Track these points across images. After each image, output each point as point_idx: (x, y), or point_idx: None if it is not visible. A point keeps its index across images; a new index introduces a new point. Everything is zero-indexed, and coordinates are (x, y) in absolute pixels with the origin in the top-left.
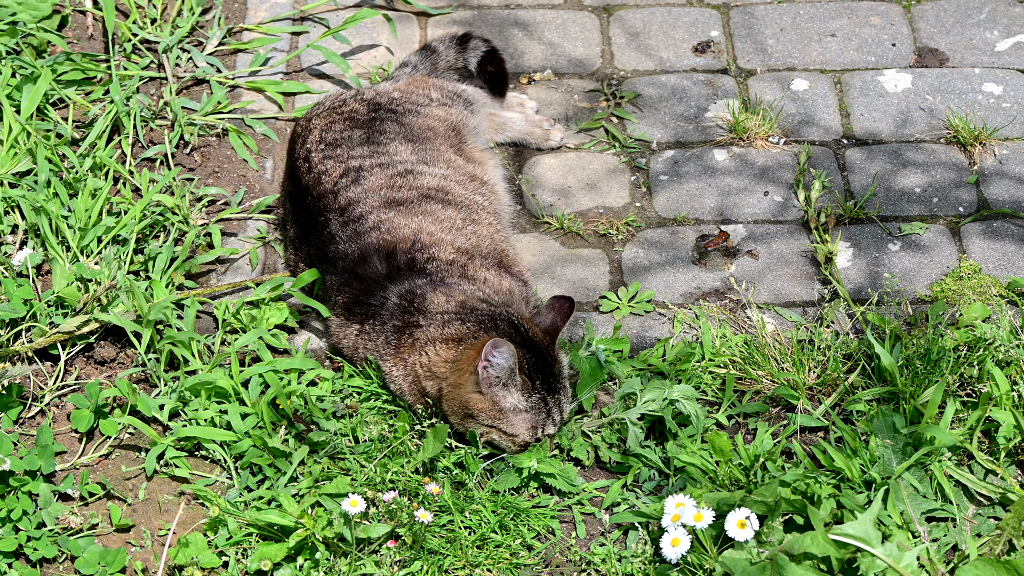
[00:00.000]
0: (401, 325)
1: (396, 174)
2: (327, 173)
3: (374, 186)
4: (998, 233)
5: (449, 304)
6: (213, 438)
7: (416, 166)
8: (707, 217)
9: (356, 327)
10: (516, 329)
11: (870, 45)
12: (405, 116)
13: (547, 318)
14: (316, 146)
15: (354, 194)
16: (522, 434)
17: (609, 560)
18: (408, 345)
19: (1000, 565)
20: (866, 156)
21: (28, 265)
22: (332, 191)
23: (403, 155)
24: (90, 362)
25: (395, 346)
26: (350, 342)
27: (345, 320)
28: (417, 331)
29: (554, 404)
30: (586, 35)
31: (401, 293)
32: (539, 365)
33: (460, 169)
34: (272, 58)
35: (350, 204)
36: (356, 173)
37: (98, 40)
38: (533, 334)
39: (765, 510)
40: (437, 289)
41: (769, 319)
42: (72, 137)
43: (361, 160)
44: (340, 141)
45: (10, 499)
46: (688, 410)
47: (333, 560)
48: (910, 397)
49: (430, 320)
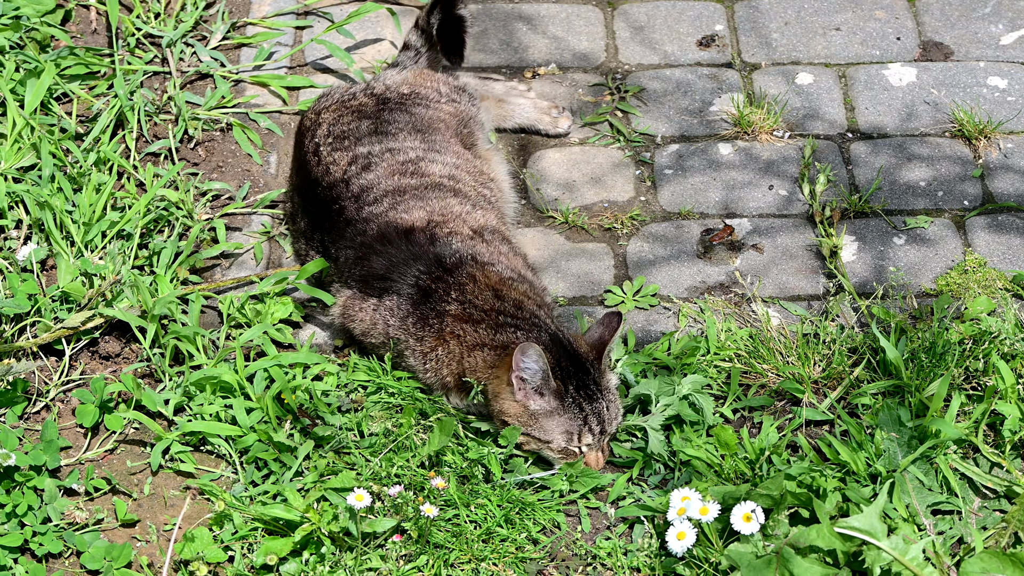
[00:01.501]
0: (429, 308)
1: (407, 160)
2: (336, 163)
3: (385, 172)
4: (1003, 227)
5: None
6: (218, 433)
7: (427, 154)
8: (712, 211)
9: (374, 301)
10: (555, 339)
11: (875, 39)
12: (414, 108)
13: (595, 332)
14: (324, 140)
15: (366, 181)
16: (556, 439)
17: (615, 554)
18: (451, 335)
19: (1006, 558)
20: (871, 150)
21: (32, 260)
22: (343, 179)
23: (412, 144)
24: (95, 357)
25: (434, 330)
26: (367, 317)
27: (362, 293)
28: (448, 320)
29: (592, 412)
30: (590, 29)
31: (426, 271)
32: (576, 373)
33: (469, 162)
34: (276, 52)
35: (363, 190)
36: (365, 160)
37: (102, 35)
38: (577, 345)
39: (771, 503)
40: (464, 268)
41: (774, 313)
42: (76, 132)
43: (370, 147)
44: (347, 133)
45: (15, 494)
46: (700, 403)
47: (339, 554)
48: (915, 390)
49: (461, 310)
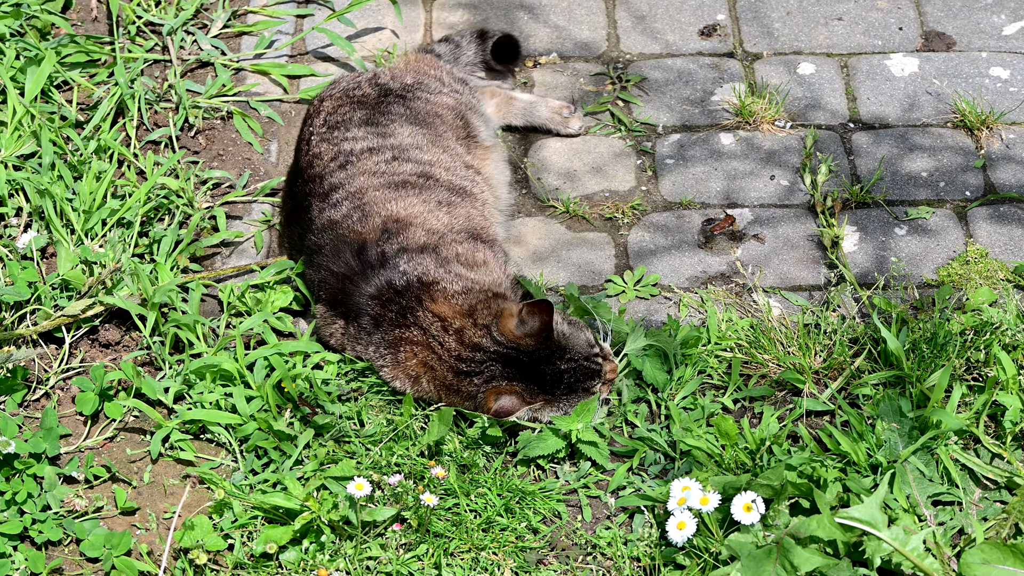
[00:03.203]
0: (394, 340)
1: (382, 160)
2: (319, 157)
3: (357, 171)
4: (1005, 217)
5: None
6: (218, 421)
7: (407, 151)
8: (713, 201)
9: (341, 323)
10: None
11: (877, 29)
12: (414, 101)
13: (534, 323)
14: (318, 128)
15: (337, 180)
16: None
17: (615, 543)
18: (416, 366)
19: (1007, 548)
20: (873, 140)
21: (32, 248)
22: (320, 175)
23: (400, 138)
24: (95, 345)
25: (393, 361)
26: (337, 339)
27: (330, 313)
28: (421, 353)
29: (582, 376)
30: (592, 18)
31: (377, 294)
32: (542, 370)
33: (454, 156)
34: (277, 41)
35: (332, 189)
36: (345, 158)
37: (102, 22)
38: (523, 345)
39: (771, 493)
40: (412, 291)
41: (775, 303)
42: (76, 119)
43: (352, 144)
44: (340, 123)
45: (15, 482)
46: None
47: (339, 543)
48: (916, 381)
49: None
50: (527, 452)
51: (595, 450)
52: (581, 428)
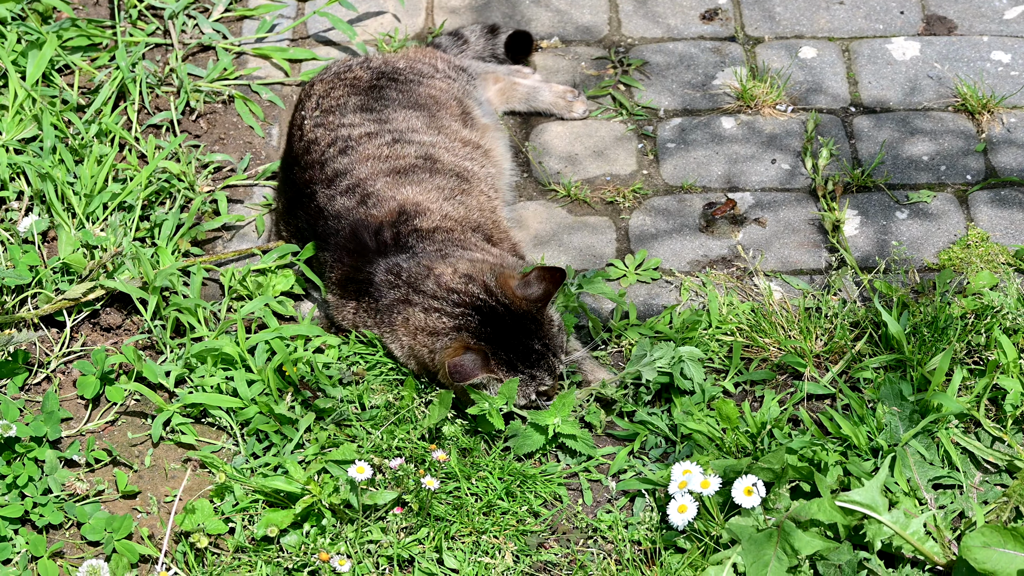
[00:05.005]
0: (391, 303)
1: (383, 144)
2: (316, 143)
3: (362, 156)
4: (1006, 201)
5: (433, 283)
6: (219, 405)
7: (406, 135)
8: (714, 185)
9: (353, 304)
10: (490, 314)
11: (878, 13)
12: (408, 84)
13: (536, 287)
14: (311, 113)
15: (341, 165)
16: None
17: (616, 527)
18: (401, 324)
19: (1007, 532)
20: (874, 124)
21: (34, 231)
22: (320, 161)
23: (398, 123)
24: (96, 329)
25: (389, 324)
26: (349, 320)
27: (341, 298)
28: (407, 310)
29: (541, 367)
30: (593, 2)
31: (388, 268)
32: (517, 340)
33: (456, 138)
34: (278, 24)
35: (337, 175)
36: (344, 143)
37: (103, 6)
38: (514, 306)
39: (772, 477)
40: (420, 263)
41: (776, 287)
42: (78, 103)
43: (350, 129)
44: (335, 108)
45: (16, 465)
46: (690, 372)
47: (340, 526)
48: (917, 365)
49: (416, 300)
50: (516, 450)
51: (578, 442)
52: (559, 422)
